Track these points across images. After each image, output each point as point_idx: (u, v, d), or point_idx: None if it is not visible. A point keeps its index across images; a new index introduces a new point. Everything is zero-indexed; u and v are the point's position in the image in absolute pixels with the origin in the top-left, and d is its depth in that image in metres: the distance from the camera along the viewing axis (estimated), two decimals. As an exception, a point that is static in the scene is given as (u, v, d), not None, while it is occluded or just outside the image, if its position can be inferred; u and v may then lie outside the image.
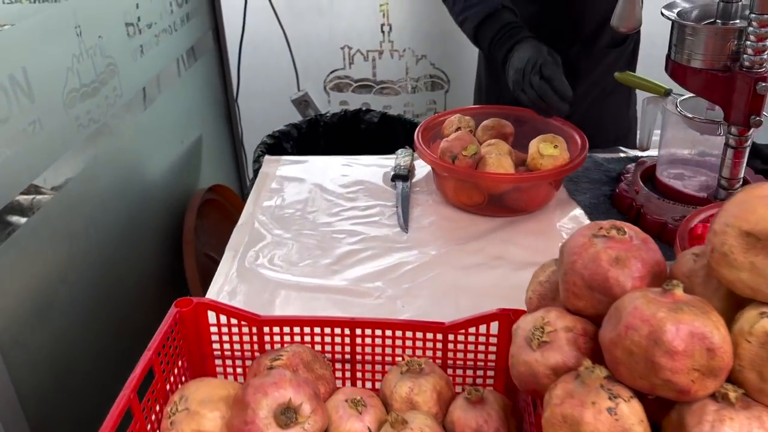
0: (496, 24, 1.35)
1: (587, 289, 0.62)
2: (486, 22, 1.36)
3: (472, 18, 1.38)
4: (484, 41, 1.39)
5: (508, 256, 1.15)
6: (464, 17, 1.41)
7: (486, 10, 1.36)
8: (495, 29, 1.35)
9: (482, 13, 1.36)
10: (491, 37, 1.36)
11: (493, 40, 1.36)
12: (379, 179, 1.42)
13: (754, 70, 1.01)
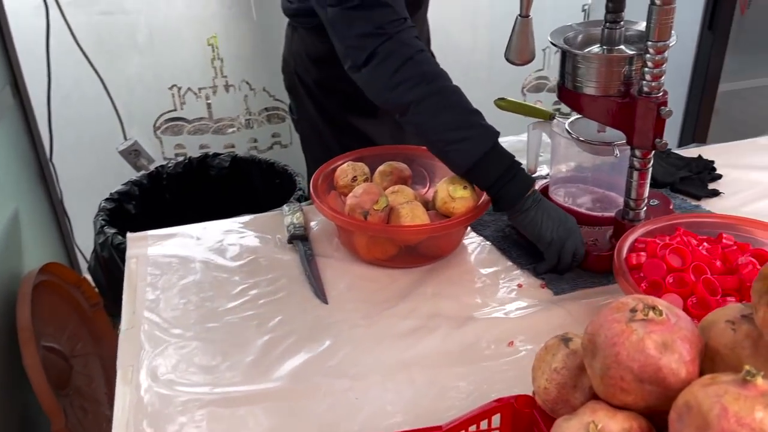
0: (503, 160, 1.11)
1: (637, 383, 0.56)
2: (492, 153, 1.10)
3: (479, 143, 1.10)
4: (483, 176, 1.11)
5: (443, 313, 1.07)
6: (462, 137, 1.10)
7: (493, 137, 1.11)
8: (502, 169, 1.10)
9: (491, 143, 1.10)
10: (498, 176, 1.10)
11: (501, 181, 1.10)
12: (272, 243, 1.27)
13: (653, 95, 1.03)
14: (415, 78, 1.09)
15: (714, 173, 1.45)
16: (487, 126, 1.11)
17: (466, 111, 1.11)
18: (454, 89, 1.12)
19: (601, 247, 1.17)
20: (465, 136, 1.09)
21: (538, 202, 1.11)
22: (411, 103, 1.09)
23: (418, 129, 1.13)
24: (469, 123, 1.10)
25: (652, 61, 1.01)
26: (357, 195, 1.13)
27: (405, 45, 1.10)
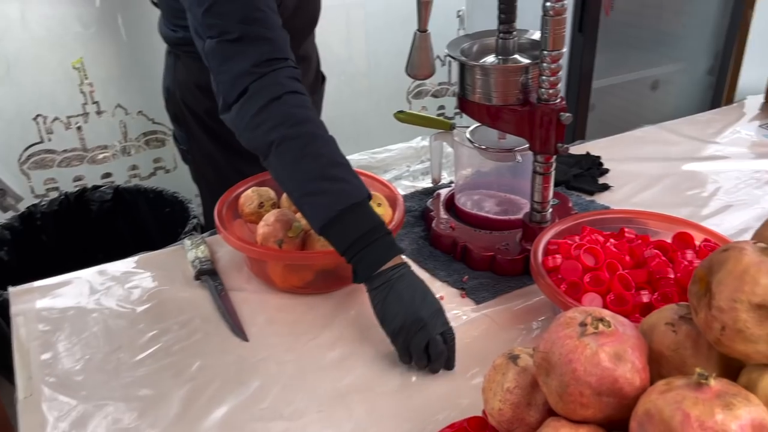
0: (368, 222, 0.98)
1: (595, 396, 0.57)
2: (353, 211, 0.97)
3: (336, 198, 0.97)
4: (339, 236, 0.98)
5: (370, 336, 1.04)
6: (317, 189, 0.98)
7: (357, 194, 0.99)
8: (358, 233, 0.97)
9: (353, 199, 0.98)
10: (352, 241, 0.97)
11: (356, 247, 0.97)
12: (178, 281, 1.19)
13: (552, 102, 1.07)
14: (277, 118, 0.98)
15: (602, 168, 1.53)
16: (352, 183, 0.99)
17: (330, 162, 0.99)
18: (323, 137, 1.00)
19: (513, 250, 1.20)
20: (323, 189, 0.97)
21: (397, 279, 0.95)
22: (271, 145, 0.98)
23: (276, 174, 1.02)
24: (331, 176, 0.98)
25: (549, 70, 1.04)
26: (269, 223, 1.09)
27: (276, 84, 1.00)
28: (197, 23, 1.05)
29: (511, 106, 1.11)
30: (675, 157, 1.62)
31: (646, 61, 2.19)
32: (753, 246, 0.55)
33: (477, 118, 1.16)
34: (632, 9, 2.06)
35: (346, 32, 2.63)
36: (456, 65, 1.15)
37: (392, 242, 0.99)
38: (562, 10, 1.00)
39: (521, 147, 1.21)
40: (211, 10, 1.02)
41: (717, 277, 0.55)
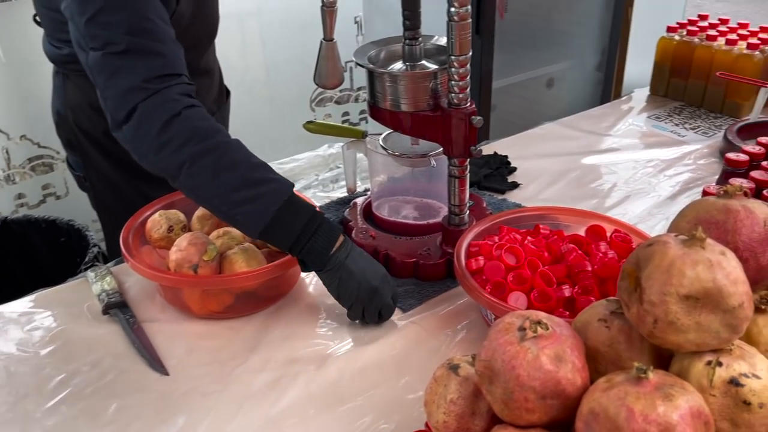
0: (304, 212, 0.98)
1: (540, 400, 0.57)
2: (290, 205, 0.97)
3: (269, 199, 0.95)
4: (281, 233, 0.97)
5: (299, 357, 1.01)
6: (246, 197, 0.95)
7: (286, 189, 0.97)
8: (300, 225, 0.97)
9: (284, 195, 0.96)
10: (297, 235, 0.96)
11: (302, 239, 0.97)
12: (84, 317, 1.10)
13: (462, 106, 1.08)
14: (183, 136, 0.93)
15: (510, 167, 1.57)
16: (277, 179, 0.97)
17: (249, 167, 0.96)
18: (233, 144, 0.97)
19: (434, 255, 1.20)
20: (251, 196, 0.94)
21: (346, 258, 0.99)
22: (183, 165, 0.93)
23: (196, 194, 0.97)
24: (255, 180, 0.95)
25: (458, 74, 1.05)
26: (182, 248, 1.03)
27: (171, 101, 0.94)
28: (80, 34, 0.97)
29: (423, 112, 1.11)
30: (575, 151, 1.69)
31: (540, 60, 2.28)
32: (675, 239, 0.57)
33: (389, 125, 1.15)
34: (524, 10, 2.13)
35: (242, 42, 2.56)
36: (361, 72, 1.14)
37: (331, 225, 1.00)
38: (467, 15, 1.01)
39: (435, 152, 1.22)
40: (94, 20, 0.94)
41: (645, 272, 0.56)
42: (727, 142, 1.60)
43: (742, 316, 0.55)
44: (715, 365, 0.56)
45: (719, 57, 1.81)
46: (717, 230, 0.61)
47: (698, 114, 1.86)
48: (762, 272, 0.61)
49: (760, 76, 1.74)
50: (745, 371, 0.55)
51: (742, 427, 0.55)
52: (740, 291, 0.54)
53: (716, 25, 1.91)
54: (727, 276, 0.54)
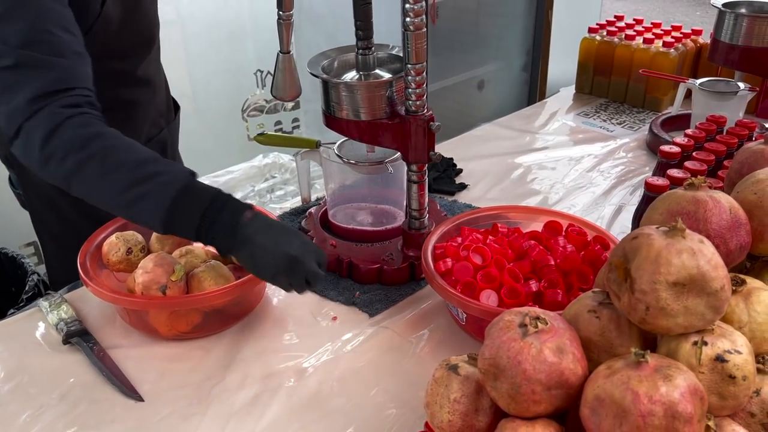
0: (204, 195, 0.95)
1: (546, 391, 0.60)
2: (186, 193, 0.94)
3: (161, 192, 0.93)
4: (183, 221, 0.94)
5: (275, 371, 1.01)
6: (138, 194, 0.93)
7: (182, 178, 0.95)
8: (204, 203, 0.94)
9: (179, 184, 0.94)
10: (198, 221, 0.93)
11: (204, 224, 0.93)
12: (42, 350, 1.06)
13: (420, 113, 1.10)
14: (64, 146, 0.91)
15: (456, 168, 1.62)
16: (168, 171, 0.95)
17: (135, 164, 0.94)
18: (118, 146, 0.95)
19: (397, 260, 1.22)
20: (142, 193, 0.92)
21: (255, 232, 0.94)
22: (70, 175, 0.92)
23: (92, 200, 0.95)
24: (143, 176, 0.93)
25: (414, 82, 1.08)
26: (148, 270, 1.00)
27: (54, 114, 0.91)
28: None
29: (380, 120, 1.13)
30: (513, 150, 1.75)
31: (470, 63, 2.35)
32: (657, 231, 0.62)
33: (347, 134, 1.16)
34: (453, 15, 2.19)
35: (166, 53, 2.49)
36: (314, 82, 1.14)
37: (237, 203, 0.96)
38: (422, 25, 1.03)
39: (391, 158, 1.24)
40: None
41: (634, 263, 0.61)
42: (653, 135, 1.71)
43: (723, 297, 0.60)
44: (701, 345, 0.60)
45: (638, 55, 1.92)
46: (689, 220, 0.67)
47: (622, 109, 1.97)
48: (731, 256, 0.67)
49: (676, 72, 1.87)
50: (728, 348, 0.60)
51: (728, 399, 0.60)
52: (721, 275, 0.59)
53: (633, 25, 2.03)
54: (709, 262, 0.59)
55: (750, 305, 0.66)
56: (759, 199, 0.70)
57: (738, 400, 0.60)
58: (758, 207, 0.70)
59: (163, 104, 1.43)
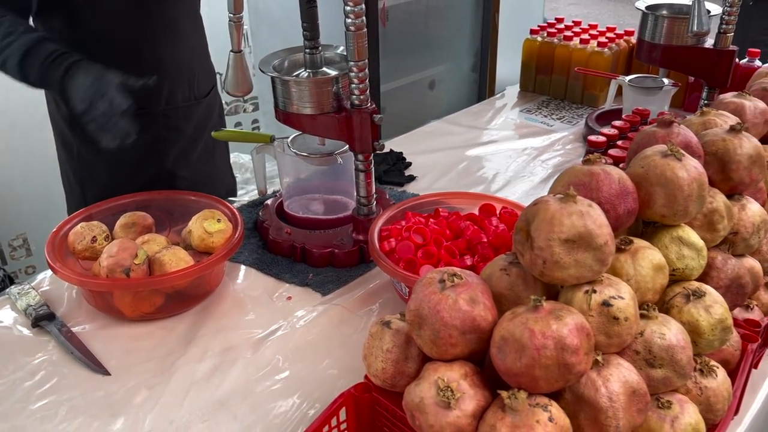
0: (44, 51, 1.18)
1: (461, 335, 0.70)
2: (32, 51, 1.18)
3: (15, 53, 1.18)
4: (32, 72, 1.19)
5: (234, 344, 1.09)
6: (4, 57, 1.19)
7: (28, 41, 1.18)
8: (43, 56, 1.17)
9: (25, 45, 1.18)
10: (40, 63, 1.17)
11: (43, 66, 1.17)
12: (12, 334, 1.12)
13: (364, 107, 1.20)
14: None
15: (406, 162, 1.72)
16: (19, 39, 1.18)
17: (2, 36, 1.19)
18: None
19: (348, 244, 1.32)
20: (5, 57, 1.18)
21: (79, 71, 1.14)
22: None
23: None
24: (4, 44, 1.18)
25: (357, 78, 1.17)
26: (112, 254, 1.08)
27: None
28: None
29: (328, 113, 1.22)
30: (460, 145, 1.86)
31: (421, 64, 2.46)
32: (553, 198, 0.72)
33: (297, 127, 1.26)
34: (403, 18, 2.30)
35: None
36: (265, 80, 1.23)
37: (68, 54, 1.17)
38: (362, 26, 1.13)
39: (340, 150, 1.33)
40: None
41: (533, 225, 0.71)
42: (588, 128, 1.84)
43: (607, 251, 0.71)
44: (591, 293, 0.71)
45: (576, 55, 2.06)
46: (584, 189, 0.78)
47: (562, 105, 2.10)
48: (620, 220, 0.78)
49: (611, 70, 2.01)
50: (613, 294, 0.71)
51: (614, 337, 0.71)
52: (604, 232, 0.70)
53: (571, 26, 2.17)
54: (594, 221, 0.70)
55: (636, 261, 0.77)
56: (645, 172, 0.81)
57: (622, 338, 0.71)
58: (645, 179, 0.81)
59: None
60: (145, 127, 1.27)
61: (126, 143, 1.13)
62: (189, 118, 1.47)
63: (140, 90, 1.16)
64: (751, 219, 0.92)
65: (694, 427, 0.74)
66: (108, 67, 1.15)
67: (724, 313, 0.80)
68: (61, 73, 1.15)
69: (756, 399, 0.97)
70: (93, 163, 1.43)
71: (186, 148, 1.47)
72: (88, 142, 1.25)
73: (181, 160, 1.47)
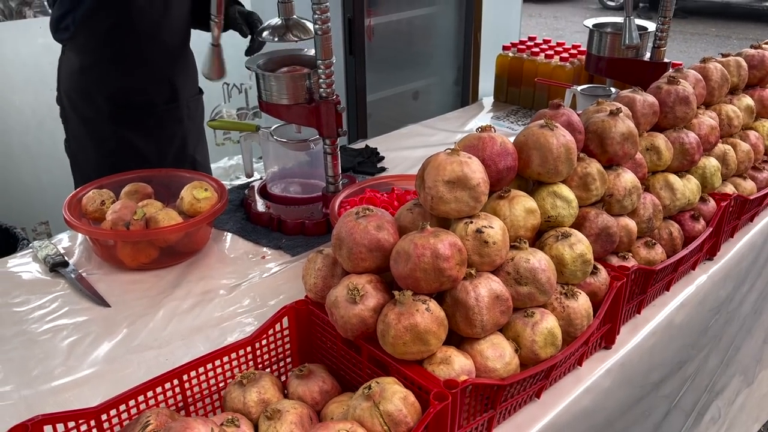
0: None
1: (368, 252, 0.93)
2: None
3: None
4: None
5: (213, 288, 1.33)
6: None
7: None
8: None
9: None
10: None
11: None
12: (35, 275, 1.36)
13: (330, 98, 1.44)
14: None
15: (379, 156, 1.96)
16: None
17: None
18: None
19: (317, 216, 1.55)
20: None
21: None
22: None
23: None
24: None
25: (324, 74, 1.42)
26: (116, 210, 1.32)
27: None
28: None
29: (301, 104, 1.47)
30: (432, 144, 2.10)
31: (406, 77, 2.71)
32: (444, 152, 0.95)
33: (276, 115, 1.50)
34: (388, 35, 2.56)
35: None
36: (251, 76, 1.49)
37: None
38: (328, 30, 1.38)
39: (314, 138, 1.57)
40: None
41: (426, 171, 0.94)
42: (544, 132, 2.06)
43: (479, 191, 0.93)
44: (468, 223, 0.93)
45: (542, 68, 2.29)
46: (473, 150, 1.00)
47: (529, 114, 2.33)
48: (501, 173, 1.00)
49: (572, 82, 2.24)
50: (485, 224, 0.93)
51: (485, 257, 0.93)
52: (478, 177, 0.93)
53: (540, 44, 2.41)
54: (470, 168, 0.92)
55: (512, 205, 0.99)
56: (525, 139, 1.04)
57: (491, 258, 0.93)
58: (525, 144, 1.04)
59: None
60: (173, 115, 1.62)
61: None
62: (198, 109, 1.76)
63: None
64: (623, 184, 1.13)
65: (550, 331, 0.95)
66: None
67: (584, 249, 1.01)
68: None
69: (635, 338, 1.17)
70: (87, 149, 1.72)
71: (165, 144, 1.75)
72: None
73: (163, 155, 1.76)
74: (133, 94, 1.67)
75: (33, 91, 2.39)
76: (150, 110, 1.72)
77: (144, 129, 1.71)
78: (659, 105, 1.31)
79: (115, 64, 1.63)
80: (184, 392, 0.93)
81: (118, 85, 1.63)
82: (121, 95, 1.64)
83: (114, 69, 1.63)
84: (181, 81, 1.77)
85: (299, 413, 0.87)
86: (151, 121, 1.73)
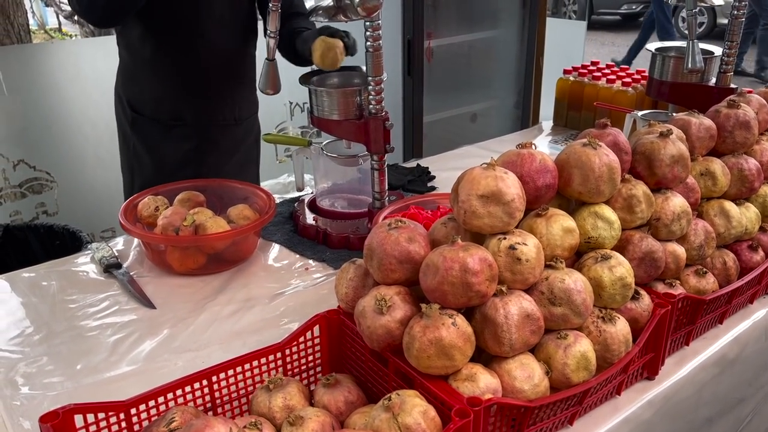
0: None
1: (398, 264, 0.93)
2: None
3: None
4: None
5: (255, 296, 1.35)
6: None
7: None
8: None
9: None
10: None
11: None
12: (90, 275, 1.43)
13: (379, 115, 1.46)
14: None
15: (430, 175, 1.96)
16: None
17: None
18: None
19: (362, 231, 1.56)
20: None
21: None
22: None
23: None
24: None
25: (374, 91, 1.44)
26: (167, 216, 1.37)
27: None
28: None
29: (351, 120, 1.49)
30: (486, 166, 2.08)
31: (465, 99, 2.71)
32: (479, 167, 0.94)
33: (325, 130, 1.53)
34: (447, 58, 2.57)
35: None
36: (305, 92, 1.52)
37: None
38: (379, 47, 1.40)
39: (363, 154, 1.59)
40: None
41: (461, 184, 0.93)
42: (602, 156, 2.01)
43: (514, 207, 0.91)
44: (501, 239, 0.92)
45: (603, 93, 2.25)
46: (512, 166, 0.99)
47: (588, 139, 2.28)
48: (539, 190, 0.98)
49: (635, 107, 2.18)
50: (519, 241, 0.91)
51: (517, 274, 0.91)
52: (512, 192, 0.91)
53: (602, 68, 2.36)
54: (505, 183, 0.91)
55: (549, 224, 0.97)
56: (567, 157, 1.02)
57: (524, 276, 0.91)
58: (566, 162, 1.02)
59: None
60: (187, 136, 1.65)
61: None
62: (226, 136, 1.79)
63: None
64: (672, 208, 1.09)
65: (583, 354, 0.92)
66: None
67: (625, 273, 0.98)
68: None
69: (681, 370, 1.11)
70: (143, 157, 1.78)
71: (220, 160, 1.79)
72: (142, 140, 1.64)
73: (215, 169, 1.78)
74: (195, 112, 1.73)
75: (107, 105, 2.51)
76: (210, 127, 1.77)
77: (202, 144, 1.77)
78: (717, 129, 1.26)
79: (181, 86, 1.69)
80: (213, 393, 0.95)
81: (180, 104, 1.68)
82: (182, 112, 1.70)
83: (180, 87, 1.69)
84: (241, 101, 1.82)
85: (321, 421, 0.87)
86: (210, 136, 1.78)
